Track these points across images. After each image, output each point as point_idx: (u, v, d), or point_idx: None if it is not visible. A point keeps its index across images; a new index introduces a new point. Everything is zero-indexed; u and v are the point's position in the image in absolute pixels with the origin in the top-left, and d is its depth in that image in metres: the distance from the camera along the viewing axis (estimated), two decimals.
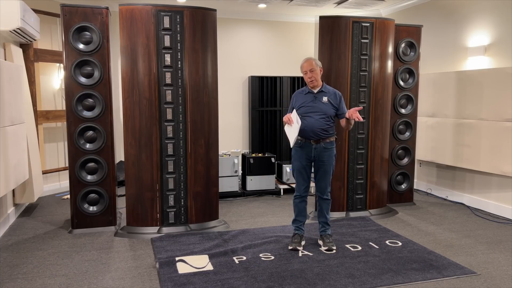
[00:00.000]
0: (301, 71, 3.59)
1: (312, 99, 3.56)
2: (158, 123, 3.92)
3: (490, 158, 4.61)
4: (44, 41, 5.32)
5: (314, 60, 3.54)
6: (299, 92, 3.68)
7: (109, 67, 3.96)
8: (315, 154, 3.53)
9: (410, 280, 3.02)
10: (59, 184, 5.73)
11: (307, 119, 3.49)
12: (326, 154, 3.54)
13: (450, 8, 5.40)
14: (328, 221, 3.71)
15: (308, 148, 3.53)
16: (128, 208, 4.02)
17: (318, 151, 3.52)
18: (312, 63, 3.52)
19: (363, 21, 4.40)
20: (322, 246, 3.64)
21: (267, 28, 7.11)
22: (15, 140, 3.90)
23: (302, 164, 3.58)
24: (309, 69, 3.51)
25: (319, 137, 3.49)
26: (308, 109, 3.53)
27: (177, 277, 3.04)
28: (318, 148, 3.51)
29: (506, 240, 3.87)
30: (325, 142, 3.53)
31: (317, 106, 3.53)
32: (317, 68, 3.53)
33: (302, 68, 3.57)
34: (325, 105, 3.53)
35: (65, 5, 3.81)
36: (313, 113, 3.51)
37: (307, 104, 3.55)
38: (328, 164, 3.56)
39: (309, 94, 3.59)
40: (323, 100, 3.54)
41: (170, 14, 3.83)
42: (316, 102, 3.54)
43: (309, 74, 3.52)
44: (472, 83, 4.81)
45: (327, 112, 3.52)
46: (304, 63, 3.56)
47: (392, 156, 4.99)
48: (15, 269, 3.20)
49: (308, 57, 3.58)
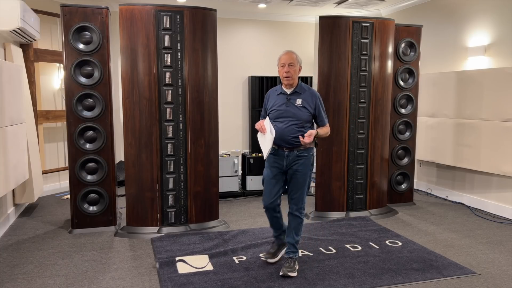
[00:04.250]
0: (278, 63, 3.10)
1: (283, 101, 3.09)
2: (158, 123, 3.92)
3: (490, 158, 4.61)
4: (44, 41, 5.32)
5: (296, 54, 3.10)
6: (272, 91, 3.22)
7: (109, 67, 3.96)
8: (287, 163, 3.09)
9: (410, 280, 3.02)
10: (59, 184, 5.73)
11: (277, 125, 3.05)
12: (300, 162, 3.08)
13: (450, 8, 5.40)
14: (296, 243, 3.19)
15: (280, 155, 3.10)
16: (128, 208, 4.02)
17: (290, 160, 3.08)
18: (293, 56, 3.06)
19: (363, 21, 4.40)
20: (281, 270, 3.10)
21: (267, 28, 7.11)
22: (15, 140, 3.90)
23: (272, 173, 3.14)
24: (288, 62, 3.04)
25: (291, 145, 3.05)
26: (278, 113, 3.08)
27: (177, 277, 3.04)
28: (291, 156, 3.07)
29: (506, 240, 3.87)
30: (299, 149, 3.07)
31: (289, 110, 3.05)
32: (297, 65, 3.08)
33: (280, 60, 3.07)
34: (299, 109, 3.06)
35: (65, 5, 3.81)
36: (284, 118, 3.05)
37: (278, 107, 3.09)
38: (302, 173, 3.09)
39: (282, 96, 3.12)
40: (296, 103, 3.06)
41: (170, 14, 3.83)
42: (288, 105, 3.06)
43: (286, 68, 3.03)
44: (472, 83, 4.81)
45: (300, 117, 3.05)
46: (283, 55, 3.08)
47: (392, 156, 4.99)
48: (15, 269, 3.20)
49: (290, 50, 3.13)
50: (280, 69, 3.08)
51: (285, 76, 3.05)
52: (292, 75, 3.05)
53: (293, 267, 3.11)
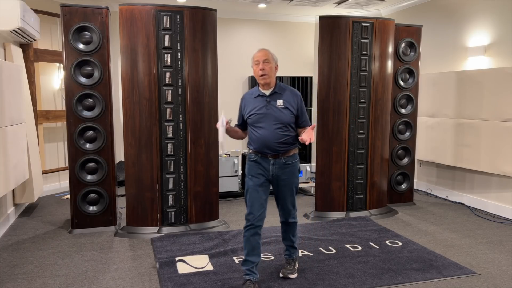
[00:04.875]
0: (252, 62, 2.87)
1: (263, 103, 2.83)
2: (158, 123, 3.92)
3: (490, 158, 4.61)
4: (44, 41, 5.32)
5: (271, 52, 2.87)
6: (248, 95, 2.98)
7: (109, 67, 3.96)
8: (273, 172, 2.84)
9: (410, 280, 3.02)
10: (59, 184, 5.73)
11: (260, 131, 2.80)
12: (288, 171, 2.86)
13: (450, 8, 5.40)
14: (294, 244, 3.10)
15: (265, 163, 2.83)
16: (128, 208, 4.02)
17: (277, 168, 2.84)
18: (268, 53, 2.82)
19: (363, 21, 4.40)
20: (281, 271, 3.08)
21: (267, 28, 7.11)
22: (15, 140, 3.90)
23: (258, 183, 2.84)
24: (262, 59, 2.79)
25: (277, 151, 2.81)
26: (259, 117, 2.81)
27: (177, 277, 3.04)
28: (277, 163, 2.83)
29: (506, 240, 3.87)
30: (286, 156, 2.85)
31: (270, 113, 2.80)
32: (273, 63, 2.84)
33: (254, 58, 2.84)
34: (281, 111, 2.81)
35: (65, 5, 3.81)
36: (266, 123, 2.79)
37: (258, 110, 2.83)
38: (291, 182, 2.89)
39: (260, 98, 2.86)
40: (278, 105, 2.82)
41: (170, 14, 3.83)
42: (269, 108, 2.82)
43: (261, 66, 2.78)
44: (472, 83, 4.81)
45: (283, 120, 2.80)
46: (257, 53, 2.85)
47: (392, 156, 4.99)
48: (15, 269, 3.20)
49: (264, 48, 2.90)
50: (254, 68, 2.84)
51: (260, 75, 2.80)
52: (268, 73, 2.79)
53: (293, 268, 3.09)
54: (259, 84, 2.89)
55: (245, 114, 2.92)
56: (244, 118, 2.94)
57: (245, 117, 2.92)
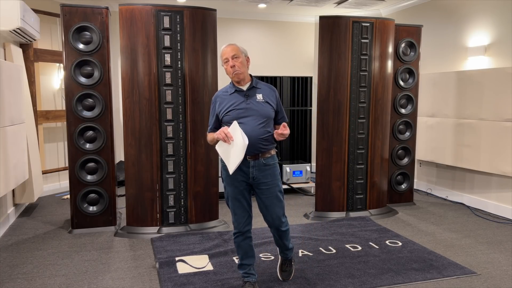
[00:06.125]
0: (221, 59, 2.68)
1: (242, 99, 2.65)
2: (158, 123, 3.92)
3: (490, 158, 4.61)
4: (44, 41, 5.32)
5: (238, 45, 2.69)
6: (222, 93, 2.74)
7: (109, 67, 3.96)
8: (254, 175, 2.65)
9: (410, 280, 3.02)
10: (59, 184, 5.73)
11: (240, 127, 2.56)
12: (269, 173, 2.67)
13: (450, 8, 5.40)
14: (288, 248, 2.94)
15: (244, 166, 2.62)
16: (128, 208, 4.02)
17: (257, 170, 2.65)
18: (235, 47, 2.64)
19: (363, 21, 4.40)
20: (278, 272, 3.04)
21: (267, 28, 7.11)
22: (15, 140, 3.90)
23: (239, 189, 2.68)
24: (231, 55, 2.61)
25: (258, 150, 2.62)
26: (239, 112, 2.62)
27: (177, 277, 3.04)
28: (256, 165, 2.64)
29: (506, 240, 3.87)
30: (265, 157, 2.66)
31: (251, 107, 2.63)
32: (243, 56, 2.65)
33: (223, 55, 2.65)
34: (262, 105, 2.65)
35: (65, 5, 3.81)
36: (247, 118, 2.61)
37: (237, 106, 2.63)
38: (274, 185, 2.70)
39: (237, 94, 2.67)
40: (258, 99, 2.66)
41: (170, 14, 3.83)
42: (249, 103, 2.64)
43: (231, 62, 2.61)
44: (472, 83, 4.81)
45: (265, 114, 2.65)
46: (224, 48, 2.66)
47: (392, 156, 4.99)
48: (15, 269, 3.20)
49: (231, 42, 2.73)
50: (225, 66, 2.66)
51: (232, 72, 2.62)
52: (240, 68, 2.62)
53: (290, 270, 3.04)
54: (233, 81, 2.72)
55: (221, 112, 2.69)
56: (220, 116, 2.72)
57: (221, 116, 2.70)
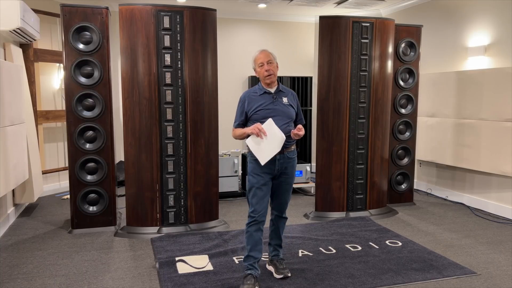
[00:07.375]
0: (256, 64, 2.95)
1: (271, 100, 2.92)
2: (158, 123, 3.92)
3: (490, 158, 4.61)
4: (44, 41, 5.32)
5: (270, 51, 2.97)
6: (251, 93, 2.99)
7: (109, 67, 3.96)
8: (278, 167, 2.91)
9: (410, 280, 3.02)
10: (59, 184, 5.73)
11: None
12: (290, 165, 2.97)
13: (450, 8, 5.40)
14: (282, 240, 3.17)
15: (271, 160, 2.85)
16: (128, 208, 4.02)
17: (281, 163, 2.92)
18: (269, 54, 2.93)
19: (363, 21, 4.40)
20: (275, 273, 3.08)
21: (267, 28, 7.11)
22: (15, 140, 3.90)
23: (264, 181, 2.90)
24: (266, 60, 2.89)
25: (284, 146, 2.87)
26: (268, 112, 2.88)
27: (177, 277, 3.04)
28: (281, 159, 2.90)
29: (506, 240, 3.87)
30: (289, 151, 2.95)
31: (279, 108, 2.91)
32: (275, 62, 2.95)
33: (258, 60, 2.93)
34: (287, 107, 2.95)
35: (65, 5, 3.81)
36: (274, 118, 2.85)
37: (266, 106, 2.90)
38: (292, 176, 3.01)
39: (266, 95, 2.94)
40: (284, 102, 2.95)
41: (170, 14, 3.83)
42: (276, 104, 2.91)
43: (266, 67, 2.88)
44: (472, 83, 4.81)
45: (290, 115, 2.94)
46: (259, 54, 2.94)
47: (392, 156, 4.99)
48: (15, 269, 3.20)
49: (264, 48, 3.01)
50: (259, 70, 2.93)
51: (267, 75, 2.89)
52: (274, 72, 2.91)
53: (287, 268, 3.12)
54: (264, 83, 2.97)
55: (250, 111, 2.93)
56: (249, 115, 2.95)
57: (250, 114, 2.94)
